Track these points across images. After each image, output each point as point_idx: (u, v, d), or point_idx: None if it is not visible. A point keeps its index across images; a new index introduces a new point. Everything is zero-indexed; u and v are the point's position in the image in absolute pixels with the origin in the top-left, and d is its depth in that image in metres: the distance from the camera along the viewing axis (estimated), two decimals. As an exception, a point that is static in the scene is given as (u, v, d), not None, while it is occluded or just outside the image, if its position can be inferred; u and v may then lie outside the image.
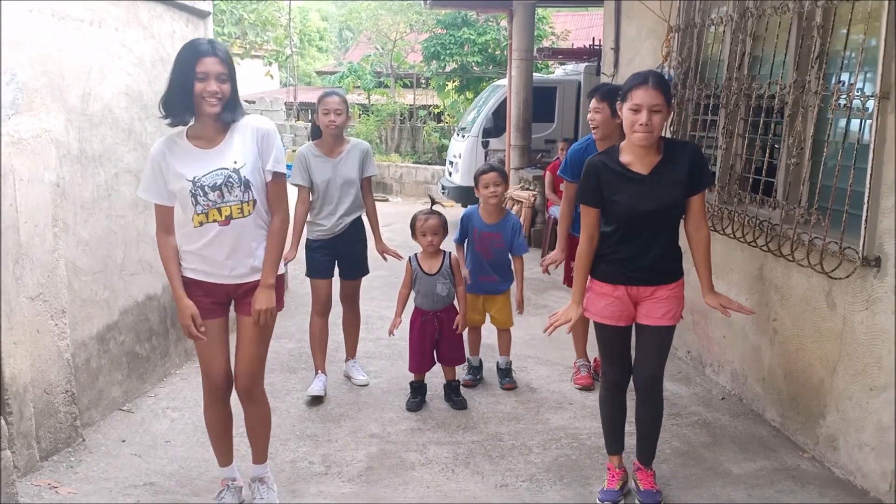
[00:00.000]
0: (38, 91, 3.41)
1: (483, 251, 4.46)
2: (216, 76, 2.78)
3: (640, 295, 3.16)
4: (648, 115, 2.90)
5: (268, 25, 17.03)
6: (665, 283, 3.16)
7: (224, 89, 2.81)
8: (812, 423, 3.72)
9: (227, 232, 2.89)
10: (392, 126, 17.26)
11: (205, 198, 2.85)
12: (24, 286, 3.28)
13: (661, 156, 3.05)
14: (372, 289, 6.96)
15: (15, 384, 3.22)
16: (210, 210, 2.86)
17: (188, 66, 2.77)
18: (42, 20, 3.44)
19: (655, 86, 2.91)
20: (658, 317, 3.16)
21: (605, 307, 3.19)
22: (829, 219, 3.46)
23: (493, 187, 4.38)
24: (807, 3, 3.62)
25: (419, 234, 4.18)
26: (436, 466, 3.61)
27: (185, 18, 4.80)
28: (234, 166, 2.87)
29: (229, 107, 2.86)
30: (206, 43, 2.84)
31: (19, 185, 3.23)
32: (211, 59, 2.78)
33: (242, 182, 2.87)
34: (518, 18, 10.16)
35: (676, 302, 3.19)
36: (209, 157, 2.88)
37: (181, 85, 2.79)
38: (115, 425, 3.92)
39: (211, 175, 2.85)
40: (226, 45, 3.65)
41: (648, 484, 3.30)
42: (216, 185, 2.85)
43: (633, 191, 3.04)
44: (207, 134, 2.90)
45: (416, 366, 4.31)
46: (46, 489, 3.25)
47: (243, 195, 2.88)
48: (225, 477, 3.24)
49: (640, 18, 5.61)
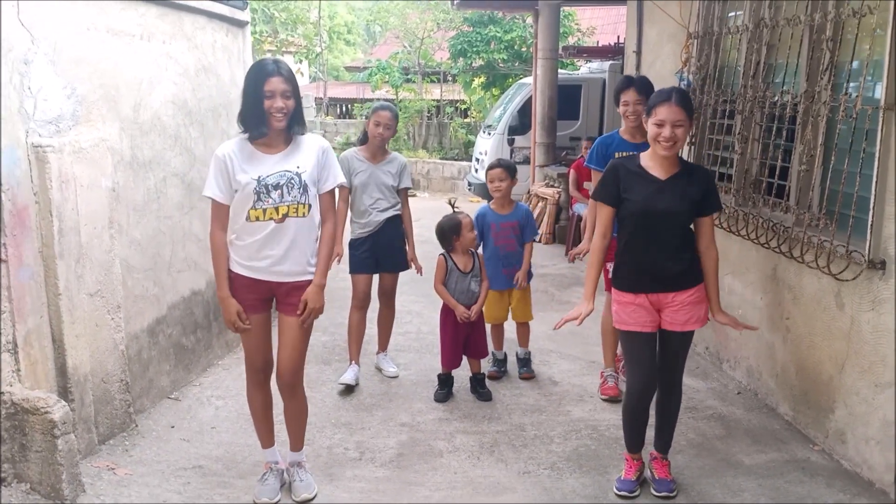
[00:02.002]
0: (96, 103, 3.69)
1: (505, 243, 4.69)
2: (282, 93, 3.09)
3: (661, 301, 3.32)
4: (671, 129, 3.13)
5: (298, 23, 17.30)
6: (685, 289, 3.31)
7: (289, 105, 3.12)
8: (822, 417, 3.89)
9: (281, 230, 3.16)
10: (419, 122, 17.49)
11: (267, 195, 3.13)
12: (85, 284, 3.56)
13: (678, 169, 3.28)
14: (400, 283, 7.10)
15: (77, 374, 3.52)
16: (268, 208, 3.14)
17: (257, 85, 3.08)
18: (99, 36, 3.71)
19: (678, 103, 3.15)
20: (682, 322, 3.32)
21: (629, 314, 3.35)
22: (837, 223, 3.63)
23: (498, 182, 4.68)
24: (818, 17, 3.78)
25: (467, 230, 4.40)
26: (462, 454, 3.84)
27: (225, 29, 5.06)
28: (296, 170, 3.16)
29: (295, 120, 3.18)
30: (272, 63, 3.15)
31: (80, 191, 3.51)
32: (276, 78, 3.08)
33: (302, 185, 3.16)
34: (543, 18, 10.31)
35: (699, 306, 3.34)
36: (274, 161, 3.17)
37: (253, 102, 3.11)
38: (164, 412, 4.21)
39: (275, 175, 3.14)
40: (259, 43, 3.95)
41: (664, 473, 3.50)
42: (278, 185, 3.14)
43: (649, 191, 3.24)
44: (272, 142, 3.20)
45: (448, 361, 4.54)
46: (105, 470, 3.54)
47: (301, 197, 3.17)
48: (268, 460, 3.50)
49: (662, 23, 5.77)
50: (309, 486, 3.44)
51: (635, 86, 4.30)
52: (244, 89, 3.17)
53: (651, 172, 3.27)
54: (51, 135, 3.38)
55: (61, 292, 3.40)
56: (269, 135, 3.17)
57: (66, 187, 3.42)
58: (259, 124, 3.12)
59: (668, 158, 3.24)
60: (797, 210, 3.96)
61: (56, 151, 3.33)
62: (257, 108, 3.09)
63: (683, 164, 3.32)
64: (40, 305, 3.34)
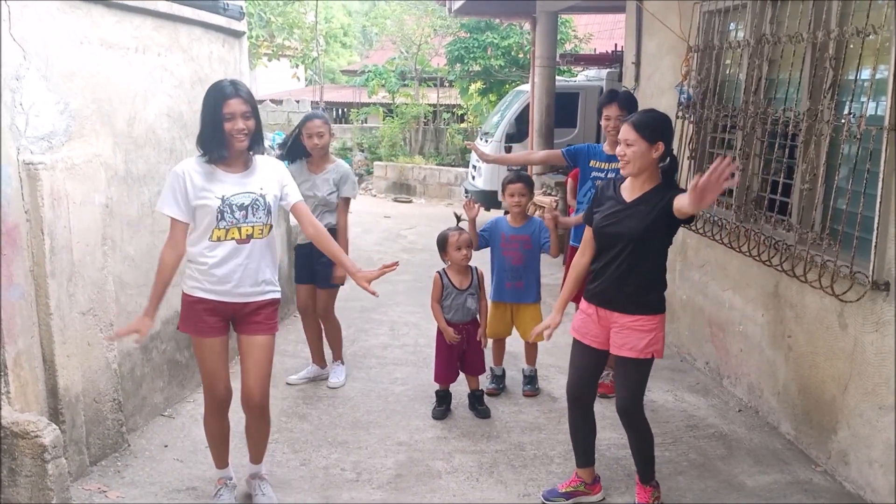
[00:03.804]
0: (89, 118, 3.63)
1: (512, 255, 4.62)
2: (242, 114, 3.08)
3: (608, 319, 3.31)
4: (623, 147, 3.18)
5: (294, 27, 17.26)
6: (630, 314, 3.25)
7: (249, 125, 3.11)
8: (825, 437, 3.85)
9: (244, 250, 3.16)
10: (416, 128, 17.44)
11: (231, 215, 3.12)
12: (77, 302, 3.50)
13: (647, 192, 3.21)
14: (397, 293, 7.16)
15: (68, 394, 3.45)
16: (231, 228, 3.13)
17: (216, 108, 3.07)
18: (92, 50, 3.65)
19: (631, 123, 3.19)
20: (618, 346, 3.29)
21: (579, 322, 3.44)
22: (841, 242, 3.59)
23: (518, 197, 4.58)
24: (820, 35, 3.74)
25: (453, 248, 4.32)
26: (461, 475, 3.79)
27: (221, 39, 5.00)
28: (260, 192, 3.17)
29: (255, 140, 3.17)
30: (230, 84, 3.13)
31: (72, 209, 3.44)
32: (235, 99, 3.08)
33: (266, 206, 3.18)
34: (541, 26, 10.28)
35: (640, 336, 3.22)
36: (235, 180, 3.16)
37: (212, 125, 3.09)
38: (157, 430, 4.14)
39: (240, 196, 3.14)
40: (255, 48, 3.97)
41: (642, 498, 3.45)
42: (243, 206, 3.14)
43: (609, 212, 3.27)
44: (232, 162, 3.19)
45: (442, 377, 4.49)
46: (97, 493, 3.48)
47: (265, 218, 3.18)
48: (221, 476, 3.50)
49: (661, 35, 5.73)
50: (271, 498, 3.44)
51: (618, 101, 4.36)
52: (202, 112, 3.15)
53: (622, 194, 3.29)
54: (43, 151, 3.32)
55: (52, 312, 3.34)
56: (230, 155, 3.15)
57: (59, 205, 3.36)
58: (219, 147, 3.11)
59: (637, 180, 3.24)
60: (800, 228, 3.92)
61: (48, 168, 3.27)
62: (216, 131, 3.08)
63: (660, 188, 3.20)
64: (31, 325, 3.28)
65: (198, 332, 3.25)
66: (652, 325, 3.24)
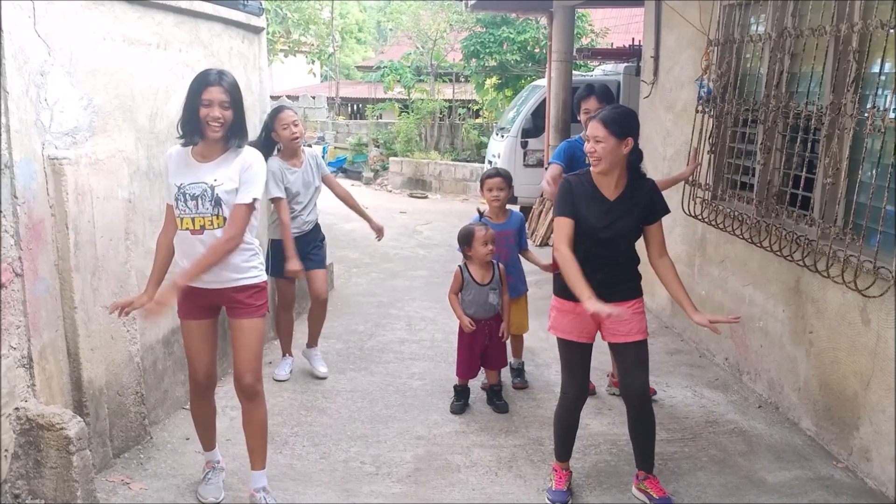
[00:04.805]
0: (112, 113, 3.66)
1: (501, 252, 4.60)
2: (220, 103, 3.10)
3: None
4: (592, 143, 3.20)
5: (310, 23, 17.30)
6: (627, 300, 3.32)
7: (226, 115, 3.12)
8: (846, 434, 3.82)
9: (201, 241, 3.17)
10: (431, 123, 17.44)
11: (184, 204, 3.16)
12: (101, 296, 3.53)
13: (624, 186, 3.28)
14: (413, 289, 7.18)
15: (92, 387, 3.49)
16: (185, 217, 3.17)
17: (196, 94, 3.11)
18: (115, 46, 3.68)
19: (599, 119, 3.21)
20: (624, 333, 3.34)
21: (567, 323, 3.40)
22: (864, 237, 3.56)
23: (497, 191, 4.60)
24: (843, 27, 3.70)
25: (480, 243, 4.31)
26: (480, 469, 3.80)
27: (241, 35, 5.03)
28: (212, 182, 3.16)
29: (234, 133, 3.17)
30: (215, 73, 3.16)
31: (96, 203, 3.48)
32: (216, 87, 3.10)
33: (214, 198, 3.16)
34: (558, 20, 10.25)
35: (640, 318, 3.37)
36: (198, 170, 3.19)
37: (190, 110, 3.14)
38: (178, 423, 4.18)
39: (193, 186, 3.17)
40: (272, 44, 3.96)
41: (661, 491, 3.44)
42: (195, 196, 3.16)
43: (597, 212, 3.26)
44: (207, 152, 3.21)
45: (463, 372, 4.50)
46: (120, 485, 3.52)
47: (213, 209, 3.17)
48: (209, 460, 3.57)
49: (680, 28, 5.70)
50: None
51: (596, 94, 4.34)
52: (186, 97, 3.19)
53: (601, 191, 3.29)
54: (67, 147, 3.35)
55: (77, 305, 3.37)
56: (206, 144, 3.18)
57: (83, 199, 3.39)
58: (192, 132, 3.16)
59: (611, 175, 3.25)
60: (822, 223, 3.89)
61: (72, 164, 3.30)
62: (193, 116, 3.13)
63: (633, 179, 3.30)
64: (56, 319, 3.31)
65: (180, 314, 3.36)
66: (642, 305, 3.42)
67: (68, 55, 3.34)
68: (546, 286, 4.69)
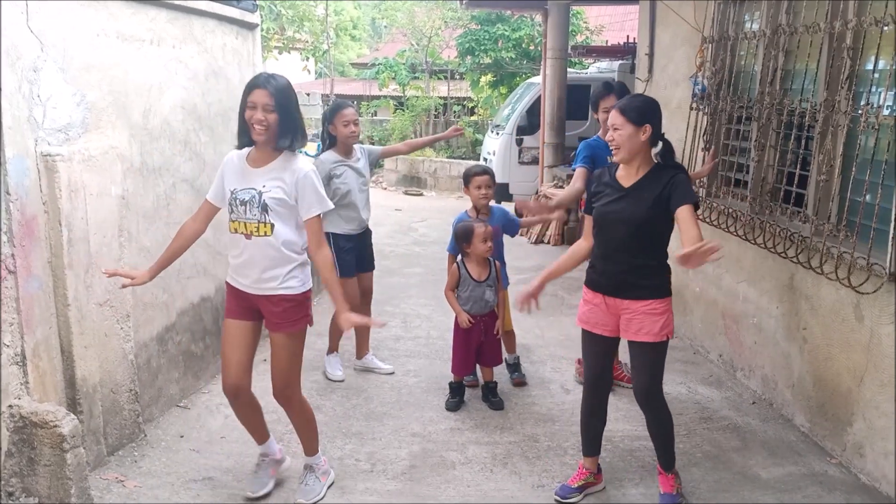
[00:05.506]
0: (105, 110, 3.65)
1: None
2: (263, 106, 3.09)
3: (618, 307, 3.31)
4: (612, 132, 3.22)
5: (305, 20, 17.26)
6: (640, 299, 3.25)
7: (270, 118, 3.10)
8: (840, 430, 3.84)
9: (250, 246, 3.19)
10: (427, 121, 17.43)
11: (235, 209, 3.19)
12: (94, 293, 3.52)
13: (644, 175, 3.24)
14: (409, 286, 7.18)
15: (86, 385, 3.48)
16: (237, 222, 3.19)
17: (244, 96, 3.14)
18: (108, 42, 3.66)
19: (617, 107, 3.23)
20: (633, 332, 3.29)
21: (585, 312, 3.43)
22: (858, 234, 3.57)
23: (486, 189, 4.58)
24: (838, 25, 3.71)
25: (479, 240, 4.30)
26: (475, 466, 3.80)
27: (234, 31, 5.01)
28: (261, 189, 3.15)
29: (282, 134, 3.15)
30: (264, 77, 3.17)
31: (89, 200, 3.46)
32: (261, 90, 3.10)
33: (261, 204, 3.14)
34: (553, 18, 10.25)
35: (653, 319, 3.24)
36: (250, 176, 3.19)
37: (241, 113, 3.17)
38: (173, 421, 4.17)
39: (244, 191, 3.18)
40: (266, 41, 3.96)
41: (666, 487, 3.45)
42: (244, 201, 3.17)
43: (609, 200, 3.28)
44: (259, 157, 3.22)
45: (459, 368, 4.50)
46: (114, 483, 3.51)
47: (261, 216, 3.15)
48: (260, 451, 3.57)
49: (675, 26, 5.70)
50: (308, 493, 3.44)
51: (615, 92, 4.34)
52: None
53: (619, 181, 3.29)
54: (60, 143, 3.33)
55: (70, 303, 3.36)
56: (258, 149, 3.20)
57: (76, 196, 3.38)
58: (242, 134, 3.21)
59: (631, 166, 3.25)
60: (816, 220, 3.90)
61: (65, 160, 3.29)
62: (241, 119, 3.17)
63: (655, 170, 3.24)
64: (49, 316, 3.30)
65: (224, 312, 3.38)
66: (664, 307, 3.27)
67: (61, 51, 3.33)
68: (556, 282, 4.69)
